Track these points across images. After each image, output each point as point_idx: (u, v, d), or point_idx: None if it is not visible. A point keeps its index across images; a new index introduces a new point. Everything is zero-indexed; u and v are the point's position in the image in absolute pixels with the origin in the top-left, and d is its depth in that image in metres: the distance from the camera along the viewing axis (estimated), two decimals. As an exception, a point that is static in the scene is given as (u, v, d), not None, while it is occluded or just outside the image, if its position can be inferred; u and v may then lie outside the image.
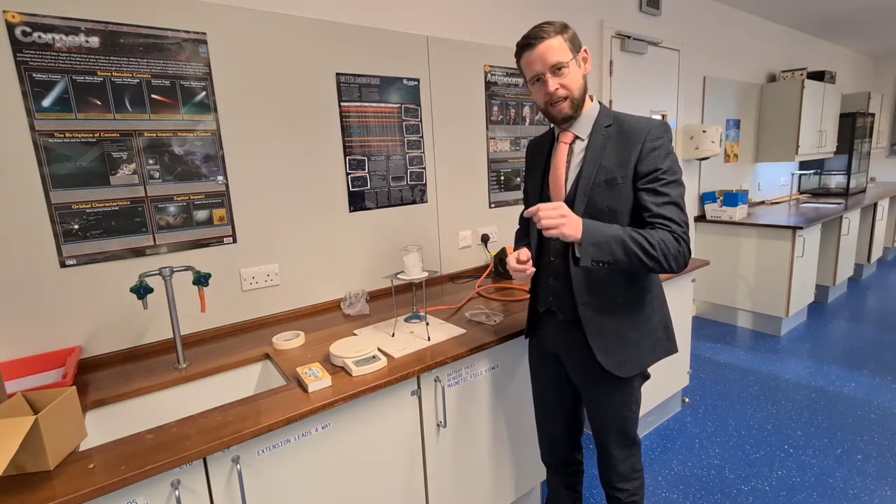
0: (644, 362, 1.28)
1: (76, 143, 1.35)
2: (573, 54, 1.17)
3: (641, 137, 1.15)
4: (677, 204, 1.14)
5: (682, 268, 1.14)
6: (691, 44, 3.49)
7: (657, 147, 1.14)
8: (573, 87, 1.18)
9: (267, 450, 1.12)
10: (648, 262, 1.10)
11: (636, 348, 1.26)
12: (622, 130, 1.18)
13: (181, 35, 1.48)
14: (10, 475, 0.92)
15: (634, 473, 1.40)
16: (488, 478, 1.62)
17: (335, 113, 1.83)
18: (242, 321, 1.71)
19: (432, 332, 1.55)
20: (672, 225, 1.12)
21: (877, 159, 6.20)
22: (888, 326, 3.63)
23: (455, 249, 2.29)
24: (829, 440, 2.26)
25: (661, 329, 1.30)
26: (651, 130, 1.15)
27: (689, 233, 1.14)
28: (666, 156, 1.14)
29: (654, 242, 1.09)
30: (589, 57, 1.22)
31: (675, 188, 1.14)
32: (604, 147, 1.19)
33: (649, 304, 1.27)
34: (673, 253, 1.10)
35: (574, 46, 1.18)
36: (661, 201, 1.13)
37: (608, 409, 1.33)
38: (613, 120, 1.20)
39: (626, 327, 1.25)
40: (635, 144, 1.15)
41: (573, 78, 1.17)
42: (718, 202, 3.75)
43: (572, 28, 1.19)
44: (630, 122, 1.19)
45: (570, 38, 1.17)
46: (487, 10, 2.28)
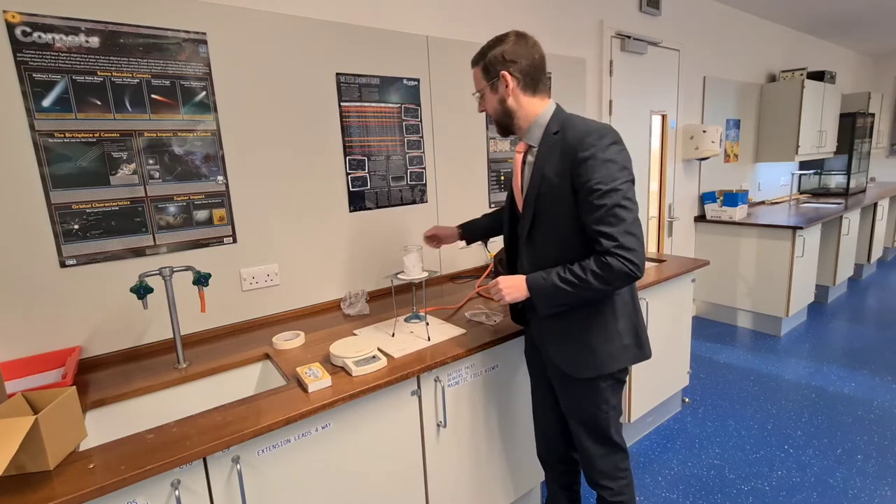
0: (602, 367, 1.25)
1: (76, 143, 1.35)
2: (486, 82, 1.26)
3: (575, 148, 1.13)
4: (613, 215, 1.09)
5: (629, 281, 1.12)
6: (691, 44, 3.49)
7: (588, 158, 1.11)
8: (489, 110, 1.29)
9: (267, 450, 1.12)
10: (589, 293, 1.15)
11: (590, 351, 1.25)
12: (564, 138, 1.17)
13: (181, 35, 1.48)
14: (10, 475, 0.92)
15: (619, 472, 1.38)
16: (488, 478, 1.62)
17: (335, 113, 1.83)
18: (242, 321, 1.71)
19: (432, 332, 1.55)
20: (603, 241, 1.10)
21: (877, 159, 6.21)
22: (888, 326, 3.63)
23: (455, 249, 2.29)
24: (829, 440, 2.26)
25: (628, 336, 1.27)
26: (585, 140, 1.12)
27: (629, 240, 1.09)
28: (601, 164, 1.10)
29: (584, 276, 1.13)
30: (509, 80, 1.22)
31: (611, 197, 1.09)
32: (549, 156, 1.20)
33: (608, 311, 1.24)
34: (607, 276, 1.10)
35: (488, 75, 1.25)
36: (596, 216, 1.11)
37: (577, 407, 1.34)
38: (561, 126, 1.20)
39: (580, 331, 1.25)
40: (570, 155, 1.14)
41: (487, 102, 1.29)
42: (718, 202, 3.75)
43: (492, 53, 1.23)
44: (573, 129, 1.17)
45: (485, 67, 1.24)
46: (487, 10, 2.28)
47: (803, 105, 4.03)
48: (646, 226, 3.42)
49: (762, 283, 3.49)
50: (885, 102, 6.11)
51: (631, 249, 1.09)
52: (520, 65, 1.22)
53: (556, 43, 2.61)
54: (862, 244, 4.72)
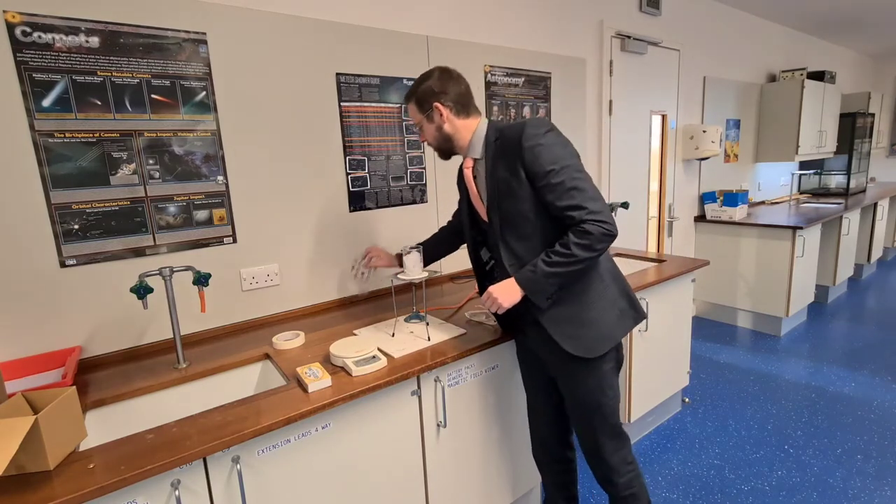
0: (614, 336, 1.30)
1: (76, 143, 1.35)
2: (421, 114, 1.35)
3: (518, 141, 1.21)
4: (573, 188, 1.18)
5: (610, 240, 1.19)
6: (691, 44, 3.49)
7: (534, 145, 1.19)
8: (429, 139, 1.39)
9: (267, 450, 1.12)
10: (579, 266, 1.20)
11: (596, 326, 1.29)
12: (503, 140, 1.26)
13: (181, 35, 1.48)
14: (10, 475, 0.92)
15: (627, 466, 1.40)
16: (488, 478, 1.62)
17: (335, 113, 1.83)
18: (242, 321, 1.71)
19: (432, 332, 1.55)
20: (574, 214, 1.17)
21: (877, 159, 6.21)
22: (888, 326, 3.63)
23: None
24: (829, 440, 2.26)
25: (622, 299, 1.33)
26: (525, 131, 1.21)
27: (594, 205, 1.17)
28: (546, 149, 1.19)
29: (569, 251, 1.18)
30: (442, 109, 1.31)
31: (566, 173, 1.18)
32: (495, 160, 1.28)
33: (598, 281, 1.30)
34: (587, 243, 1.17)
35: (422, 108, 1.34)
36: (558, 194, 1.19)
37: (583, 398, 1.34)
38: (499, 133, 1.29)
39: (581, 310, 1.28)
40: (515, 148, 1.22)
41: (426, 132, 1.38)
42: (718, 202, 3.75)
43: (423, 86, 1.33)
44: (508, 129, 1.26)
45: (419, 102, 1.34)
46: (487, 10, 2.28)
47: (803, 105, 4.03)
48: (646, 226, 3.42)
49: (762, 283, 3.49)
50: (885, 102, 6.10)
51: (599, 212, 1.17)
52: (450, 95, 1.32)
53: (556, 43, 2.61)
54: (862, 244, 4.72)
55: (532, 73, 2.45)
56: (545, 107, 2.54)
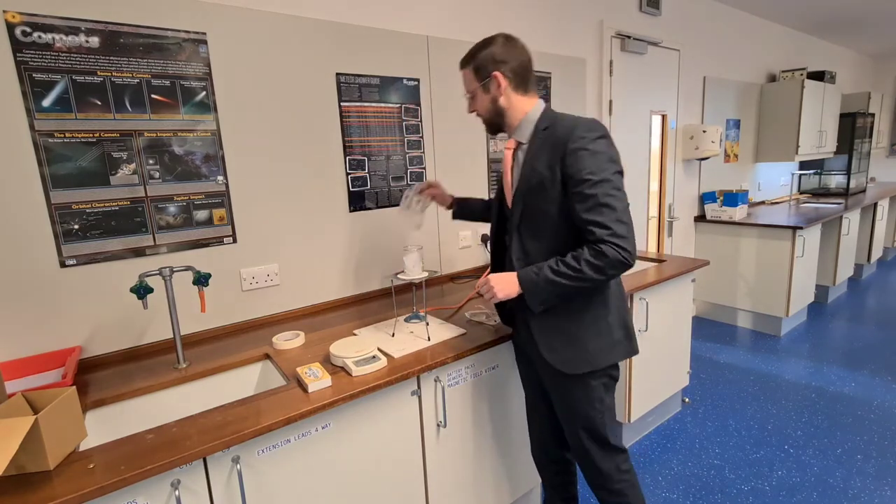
0: (595, 362, 1.25)
1: (76, 143, 1.35)
2: (478, 83, 1.28)
3: (566, 139, 1.15)
4: (604, 204, 1.11)
5: (624, 269, 1.14)
6: (691, 44, 3.49)
7: (578, 149, 1.13)
8: (480, 110, 1.32)
9: (267, 450, 1.12)
10: (584, 284, 1.15)
11: (583, 347, 1.25)
12: (554, 133, 1.20)
13: (181, 35, 1.48)
14: (10, 475, 0.92)
15: (621, 474, 1.36)
16: (488, 478, 1.62)
17: (335, 113, 1.83)
18: (242, 321, 1.71)
19: (432, 332, 1.55)
20: (596, 230, 1.11)
21: (877, 159, 6.21)
22: (888, 326, 3.63)
23: (455, 249, 2.29)
24: (829, 440, 2.26)
25: (618, 330, 1.28)
26: (575, 130, 1.15)
27: (621, 228, 1.11)
28: (591, 156, 1.13)
29: (578, 267, 1.13)
30: (501, 80, 1.25)
31: (602, 187, 1.11)
32: (538, 150, 1.22)
33: (600, 305, 1.25)
34: (602, 265, 1.11)
35: (480, 76, 1.27)
36: (587, 206, 1.13)
37: (571, 407, 1.32)
38: (551, 123, 1.23)
39: (572, 326, 1.25)
40: (560, 146, 1.16)
41: (479, 103, 1.31)
42: (718, 202, 3.75)
43: (482, 54, 1.26)
44: (561, 122, 1.21)
45: (477, 68, 1.27)
46: (487, 10, 2.28)
47: (803, 105, 4.03)
48: (646, 226, 3.42)
49: (762, 283, 3.49)
50: (885, 102, 6.10)
51: (623, 237, 1.11)
52: (510, 65, 1.25)
53: (556, 43, 2.61)
54: (862, 244, 4.72)
55: (532, 73, 2.45)
56: (545, 107, 2.53)
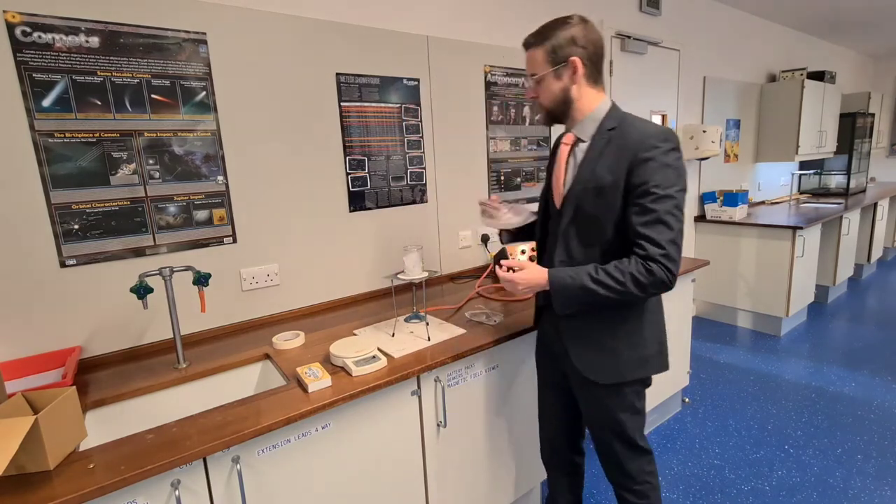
0: (623, 374, 1.23)
1: (76, 143, 1.35)
2: (550, 67, 1.16)
3: (637, 145, 1.10)
4: (662, 221, 1.07)
5: (665, 290, 1.11)
6: (691, 44, 3.49)
7: (649, 159, 1.08)
8: (545, 98, 1.21)
9: (267, 450, 1.12)
10: (620, 297, 1.11)
11: (614, 358, 1.22)
12: (622, 136, 1.14)
13: (181, 35, 1.48)
14: (10, 475, 0.92)
15: (645, 475, 1.34)
16: (488, 478, 1.62)
17: (335, 113, 1.83)
18: (242, 321, 1.71)
19: (432, 332, 1.55)
20: (648, 247, 1.07)
21: (877, 159, 6.20)
22: (888, 326, 3.63)
23: (455, 249, 2.29)
24: (829, 440, 2.26)
25: (653, 345, 1.25)
26: (648, 139, 1.09)
27: (673, 249, 1.08)
28: (661, 168, 1.08)
29: (622, 279, 1.09)
30: (580, 66, 1.15)
31: (664, 203, 1.07)
32: (601, 151, 1.15)
33: (636, 318, 1.22)
34: (646, 283, 1.08)
35: (554, 58, 1.15)
36: (646, 220, 1.08)
37: (602, 414, 1.30)
38: (619, 123, 1.16)
39: (606, 336, 1.22)
40: (629, 152, 1.10)
41: (546, 89, 1.19)
42: (718, 202, 3.75)
43: (562, 32, 1.14)
44: (633, 127, 1.14)
45: (553, 50, 1.15)
46: (487, 10, 2.28)
47: (803, 105, 4.03)
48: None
49: (762, 283, 3.49)
50: (885, 102, 6.10)
51: (674, 260, 1.08)
52: (588, 51, 1.15)
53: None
54: (862, 244, 4.72)
55: (532, 73, 2.45)
56: (545, 107, 2.53)
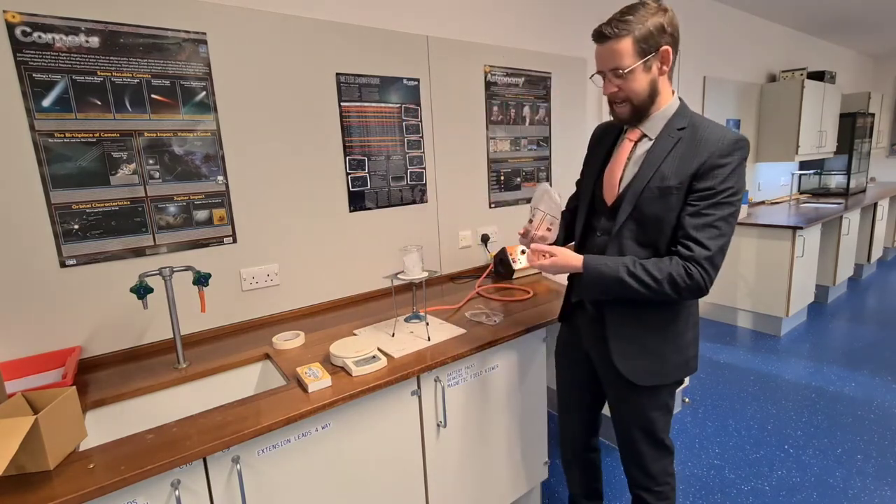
0: (666, 377, 1.23)
1: (76, 143, 1.35)
2: (639, 58, 1.07)
3: (710, 150, 1.06)
4: (715, 226, 1.06)
5: (699, 296, 1.11)
6: (691, 44, 3.49)
7: (723, 165, 1.05)
8: (633, 93, 1.11)
9: (267, 450, 1.12)
10: (650, 294, 1.09)
11: (660, 361, 1.21)
12: (694, 137, 1.09)
13: (181, 35, 1.48)
14: (10, 475, 0.92)
15: (667, 476, 1.35)
16: (488, 478, 1.62)
17: (335, 113, 1.83)
18: (242, 321, 1.71)
19: (432, 332, 1.55)
20: (696, 249, 1.05)
21: (877, 159, 6.20)
22: (888, 326, 3.63)
23: (455, 249, 2.29)
24: (829, 440, 2.26)
25: (693, 347, 1.25)
26: (722, 142, 1.06)
27: (718, 258, 1.07)
28: (728, 176, 1.06)
29: (660, 278, 1.07)
30: (669, 56, 1.09)
31: (722, 209, 1.06)
32: (668, 151, 1.11)
33: (683, 321, 1.21)
34: (682, 285, 1.07)
35: (644, 49, 1.07)
36: (699, 223, 1.06)
37: (633, 414, 1.29)
38: (689, 123, 1.12)
39: (652, 338, 1.20)
40: (701, 155, 1.07)
41: (635, 82, 1.10)
42: (718, 202, 3.74)
43: (650, 20, 1.06)
44: (706, 129, 1.10)
45: (643, 38, 1.06)
46: (487, 10, 2.28)
47: (803, 105, 4.03)
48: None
49: (762, 283, 3.49)
50: (885, 102, 6.10)
51: (716, 268, 1.07)
52: (676, 38, 1.09)
53: (556, 43, 2.61)
54: (862, 244, 4.72)
55: (532, 73, 2.45)
56: (545, 107, 2.54)
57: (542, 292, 1.95)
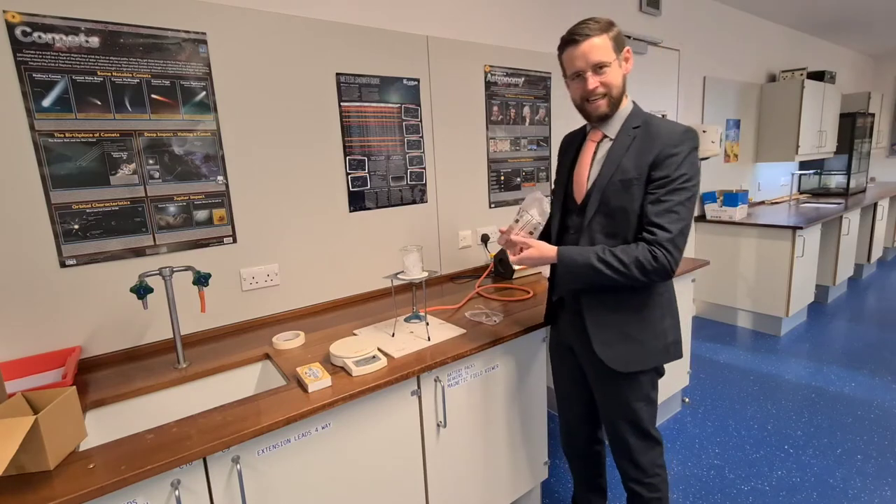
0: (647, 362, 1.28)
1: (76, 143, 1.35)
2: (616, 54, 1.20)
3: (663, 142, 1.16)
4: (674, 211, 1.14)
5: (666, 277, 1.17)
6: (691, 44, 3.49)
7: (675, 154, 1.15)
8: (613, 86, 1.21)
9: (267, 450, 1.12)
10: (623, 280, 1.16)
11: (639, 346, 1.26)
12: (648, 133, 1.19)
13: (181, 35, 1.48)
14: (10, 475, 0.92)
15: (657, 468, 1.38)
16: (488, 478, 1.62)
17: (335, 113, 1.83)
18: (242, 321, 1.71)
19: (432, 332, 1.55)
20: (658, 232, 1.13)
21: (877, 159, 6.20)
22: (888, 326, 3.63)
23: (455, 249, 2.29)
24: (829, 440, 2.26)
25: (672, 332, 1.30)
26: (673, 136, 1.16)
27: (680, 240, 1.14)
28: (681, 163, 1.15)
29: (628, 262, 1.14)
30: (631, 57, 1.23)
31: (678, 195, 1.14)
32: (627, 147, 1.21)
33: (658, 306, 1.27)
34: (649, 268, 1.14)
35: (617, 46, 1.21)
36: (659, 209, 1.15)
37: (616, 404, 1.34)
38: (643, 121, 1.22)
39: (630, 324, 1.26)
40: (655, 148, 1.16)
41: (613, 77, 1.20)
42: (718, 202, 3.75)
43: (618, 27, 1.22)
44: (658, 125, 1.20)
45: (615, 37, 1.20)
46: (487, 10, 2.28)
47: (803, 105, 4.03)
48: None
49: (762, 283, 3.49)
50: (885, 102, 6.10)
51: (679, 249, 1.15)
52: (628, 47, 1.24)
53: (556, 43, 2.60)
54: (862, 244, 4.72)
55: (532, 73, 2.45)
56: (545, 107, 2.54)
57: (541, 292, 1.95)
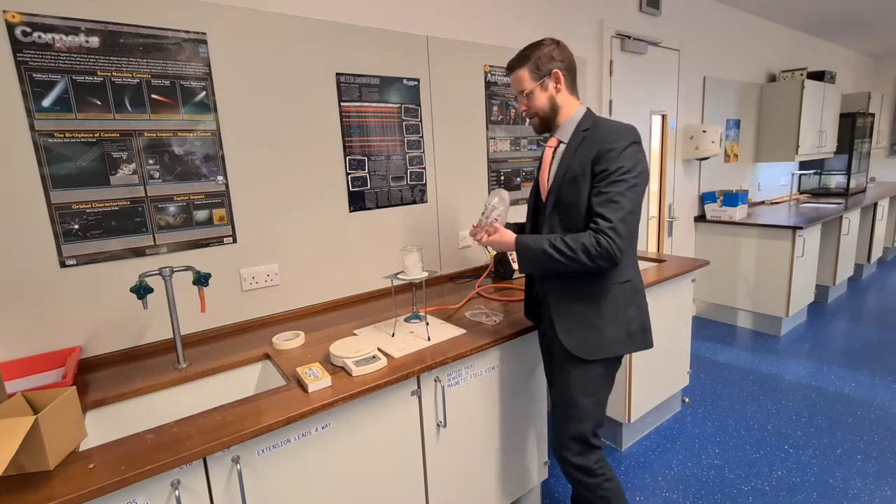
0: (607, 350, 1.32)
1: (76, 143, 1.35)
2: (535, 82, 1.33)
3: (601, 142, 1.25)
4: (614, 201, 1.21)
5: (612, 262, 1.22)
6: (691, 44, 3.49)
7: (612, 149, 1.23)
8: (537, 108, 1.36)
9: (267, 450, 1.12)
10: (572, 265, 1.24)
11: (599, 334, 1.32)
12: (593, 134, 1.29)
13: (181, 35, 1.48)
14: (10, 475, 0.92)
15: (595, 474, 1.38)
16: (488, 478, 1.62)
17: (335, 113, 1.83)
18: (242, 321, 1.71)
19: (432, 332, 1.55)
20: (600, 222, 1.21)
21: (877, 159, 6.20)
22: (888, 326, 3.63)
23: (455, 249, 2.29)
24: (829, 440, 2.26)
25: (634, 321, 1.35)
26: (612, 134, 1.25)
27: (621, 227, 1.20)
28: (618, 157, 1.22)
29: (575, 248, 1.22)
30: (561, 76, 1.32)
31: (617, 186, 1.21)
32: (576, 149, 1.31)
33: (619, 296, 1.32)
34: (594, 253, 1.21)
35: (538, 74, 1.33)
36: (600, 200, 1.23)
37: (564, 389, 1.38)
38: (592, 125, 1.31)
39: (590, 313, 1.32)
40: (596, 146, 1.26)
41: (536, 101, 1.35)
42: (718, 202, 3.75)
43: (540, 52, 1.32)
44: (602, 126, 1.29)
45: (533, 67, 1.33)
46: (487, 10, 2.28)
47: (803, 105, 4.03)
48: (646, 226, 3.41)
49: (762, 283, 3.49)
50: (885, 102, 6.10)
51: (620, 236, 1.21)
52: (565, 63, 1.35)
53: (556, 43, 2.61)
54: (862, 244, 4.72)
55: (532, 73, 2.45)
56: (545, 107, 2.53)
57: (542, 292, 1.95)
